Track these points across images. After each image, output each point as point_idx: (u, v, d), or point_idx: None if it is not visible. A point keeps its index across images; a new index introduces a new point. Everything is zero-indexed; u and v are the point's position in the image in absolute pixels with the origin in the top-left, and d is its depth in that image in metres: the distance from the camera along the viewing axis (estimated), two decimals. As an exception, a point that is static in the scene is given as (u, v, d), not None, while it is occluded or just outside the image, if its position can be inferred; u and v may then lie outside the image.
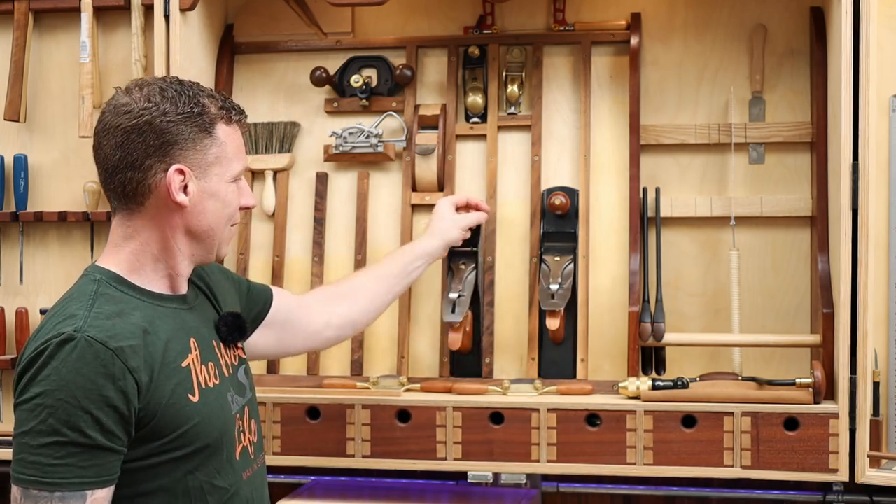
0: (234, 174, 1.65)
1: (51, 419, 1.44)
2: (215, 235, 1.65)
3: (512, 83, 2.56)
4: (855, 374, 2.17)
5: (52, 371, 1.45)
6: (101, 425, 1.45)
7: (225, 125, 1.63)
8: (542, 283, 2.39)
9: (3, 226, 2.61)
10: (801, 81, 2.47)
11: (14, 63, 2.55)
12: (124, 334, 1.50)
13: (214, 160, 1.61)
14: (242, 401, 1.71)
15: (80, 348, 1.46)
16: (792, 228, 2.46)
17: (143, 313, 1.55)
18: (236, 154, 1.65)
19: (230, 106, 1.65)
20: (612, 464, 2.25)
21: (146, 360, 1.51)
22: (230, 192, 1.65)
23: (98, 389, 1.45)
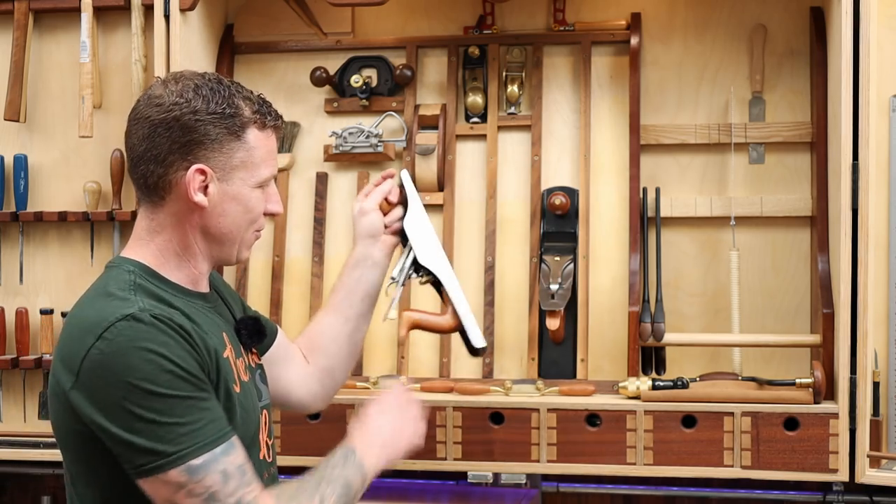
0: (261, 180, 1.62)
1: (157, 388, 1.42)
2: (234, 239, 1.62)
3: (512, 83, 2.56)
4: (855, 374, 2.17)
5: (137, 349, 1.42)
6: (200, 379, 1.46)
7: (258, 130, 1.61)
8: (542, 283, 2.39)
9: (3, 226, 2.61)
10: (801, 81, 2.47)
11: (14, 63, 2.55)
12: (172, 316, 1.48)
13: (240, 164, 1.59)
14: (261, 404, 1.69)
15: (154, 324, 1.45)
16: (792, 228, 2.46)
17: (181, 304, 1.55)
18: (265, 160, 1.62)
19: (266, 111, 1.63)
20: (612, 464, 2.25)
21: (203, 341, 1.51)
22: (254, 197, 1.62)
23: (184, 349, 1.45)
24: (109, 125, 2.56)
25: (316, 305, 2.55)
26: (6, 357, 2.54)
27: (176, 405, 1.42)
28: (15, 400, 2.59)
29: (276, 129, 1.67)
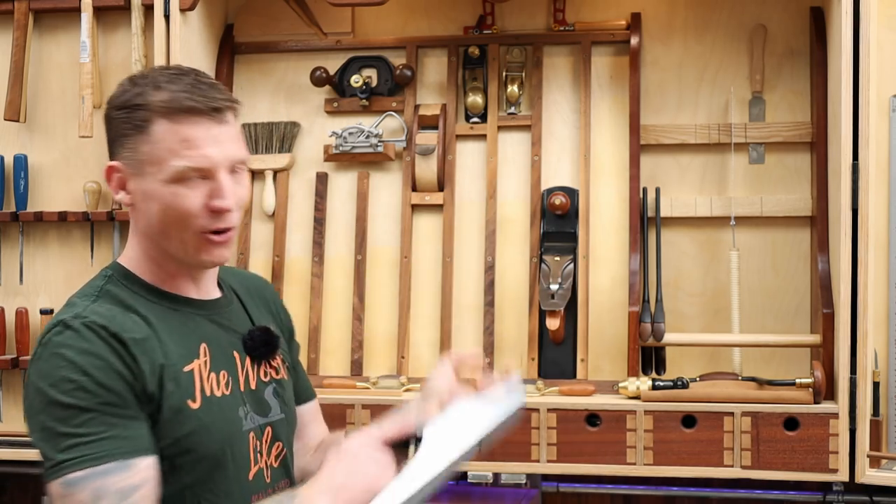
0: (171, 174, 1.44)
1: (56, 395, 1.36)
2: (169, 239, 1.48)
3: (512, 83, 2.56)
4: (855, 374, 2.17)
5: (54, 354, 1.38)
6: (119, 394, 1.37)
7: (166, 121, 1.45)
8: (542, 283, 2.39)
9: (3, 226, 2.61)
10: (801, 81, 2.47)
11: (14, 63, 2.55)
12: (126, 326, 1.42)
13: (146, 159, 1.46)
14: (262, 420, 1.56)
15: (80, 330, 1.39)
16: (792, 228, 2.46)
17: (149, 311, 1.47)
18: (175, 151, 1.44)
19: (182, 97, 1.45)
20: (612, 464, 2.25)
21: (148, 353, 1.42)
22: (169, 193, 1.44)
23: (104, 359, 1.37)
24: (109, 125, 2.55)
25: (316, 305, 2.55)
26: (6, 357, 2.54)
27: (74, 416, 1.35)
28: (15, 400, 2.59)
29: (201, 115, 1.46)
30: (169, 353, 1.44)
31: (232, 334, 1.56)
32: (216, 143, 1.46)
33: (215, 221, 1.47)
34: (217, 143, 1.46)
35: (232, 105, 1.50)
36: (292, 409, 1.65)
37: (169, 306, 1.50)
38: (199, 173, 1.45)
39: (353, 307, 2.55)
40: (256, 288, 1.71)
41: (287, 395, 1.63)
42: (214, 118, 1.47)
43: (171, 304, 1.51)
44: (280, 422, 1.61)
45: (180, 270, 1.52)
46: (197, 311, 1.53)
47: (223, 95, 1.49)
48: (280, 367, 1.63)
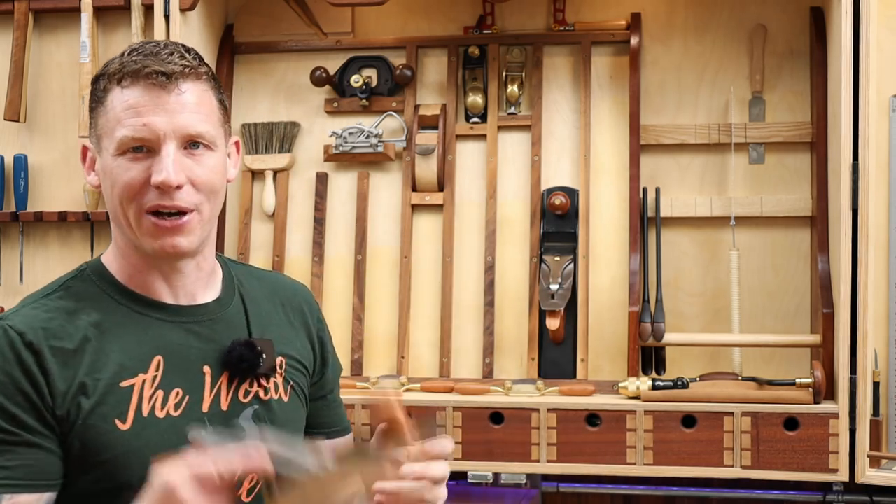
0: (117, 143, 1.31)
1: None
2: (120, 222, 1.35)
3: (512, 83, 2.56)
4: (855, 374, 2.17)
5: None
6: (14, 417, 1.25)
7: (118, 87, 1.33)
8: (542, 283, 2.39)
9: (3, 226, 2.61)
10: (801, 81, 2.47)
11: (14, 63, 2.55)
12: (56, 333, 1.30)
13: (103, 132, 1.34)
14: None
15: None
16: (792, 228, 2.46)
17: (104, 317, 1.34)
18: (121, 119, 1.31)
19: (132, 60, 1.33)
20: (612, 464, 2.25)
21: (68, 367, 1.28)
22: (116, 167, 1.32)
23: (8, 375, 1.26)
24: (109, 125, 2.56)
25: (316, 305, 2.55)
26: (6, 357, 2.53)
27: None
28: (15, 400, 2.59)
29: (147, 79, 1.32)
30: (105, 365, 1.30)
31: (209, 346, 1.38)
32: (163, 111, 1.31)
33: (159, 197, 1.31)
34: (164, 111, 1.31)
35: (191, 72, 1.34)
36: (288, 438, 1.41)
37: (135, 309, 1.37)
38: (142, 143, 1.31)
39: (353, 307, 2.55)
40: (289, 297, 1.54)
41: (278, 419, 1.42)
42: (163, 85, 1.31)
43: (139, 308, 1.37)
44: None
45: (147, 265, 1.38)
46: (168, 317, 1.38)
47: (183, 61, 1.34)
48: (275, 387, 1.43)
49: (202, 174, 1.34)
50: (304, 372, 1.50)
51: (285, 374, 1.45)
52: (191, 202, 1.33)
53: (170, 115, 1.31)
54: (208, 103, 1.37)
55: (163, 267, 1.38)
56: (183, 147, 1.32)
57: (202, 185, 1.34)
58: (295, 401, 1.47)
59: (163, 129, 1.31)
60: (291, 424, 1.45)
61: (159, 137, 1.31)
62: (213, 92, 1.38)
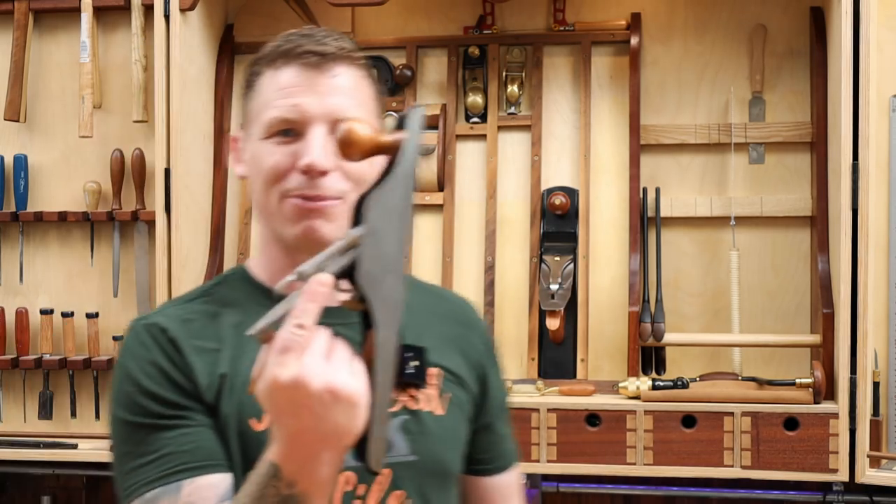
0: (264, 126, 1.25)
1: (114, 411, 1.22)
2: (264, 211, 1.28)
3: (512, 83, 2.56)
4: (855, 374, 2.17)
5: (119, 361, 1.25)
6: (170, 402, 1.19)
7: (270, 69, 1.27)
8: (542, 283, 2.39)
9: (3, 226, 2.61)
10: (801, 81, 2.47)
11: (14, 63, 2.55)
12: (196, 332, 1.24)
13: (252, 117, 1.29)
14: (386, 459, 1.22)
15: (136, 332, 1.25)
16: (792, 228, 2.46)
17: (246, 318, 1.22)
18: (271, 101, 1.25)
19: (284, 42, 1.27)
20: (612, 464, 2.25)
21: (210, 363, 1.23)
22: (262, 150, 1.25)
23: (157, 366, 1.21)
24: (109, 125, 2.56)
25: (316, 305, 2.55)
26: (6, 357, 2.53)
27: (129, 434, 1.20)
28: (15, 400, 2.59)
29: (300, 58, 1.25)
30: (243, 364, 1.21)
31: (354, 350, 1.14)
32: (315, 93, 1.23)
33: (305, 185, 1.23)
34: (316, 93, 1.23)
35: (346, 54, 1.26)
36: (438, 454, 1.28)
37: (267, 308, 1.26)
38: (290, 125, 1.23)
39: (353, 307, 2.54)
40: (450, 310, 1.41)
41: (430, 433, 1.28)
42: (317, 65, 1.24)
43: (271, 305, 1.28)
44: (407, 465, 1.25)
45: (289, 261, 1.25)
46: None
47: (338, 43, 1.26)
48: (428, 398, 1.29)
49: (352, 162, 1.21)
50: (464, 389, 1.34)
51: (442, 386, 1.31)
52: (338, 190, 1.23)
53: (322, 97, 1.23)
54: (363, 90, 1.28)
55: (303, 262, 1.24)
56: (333, 133, 1.20)
57: (352, 172, 1.23)
58: (453, 416, 1.31)
59: (312, 111, 1.23)
60: (447, 440, 1.30)
61: (308, 119, 1.23)
62: (368, 81, 1.30)
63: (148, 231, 2.51)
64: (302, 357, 0.96)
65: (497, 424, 1.41)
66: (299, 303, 0.97)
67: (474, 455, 1.38)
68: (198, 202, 2.51)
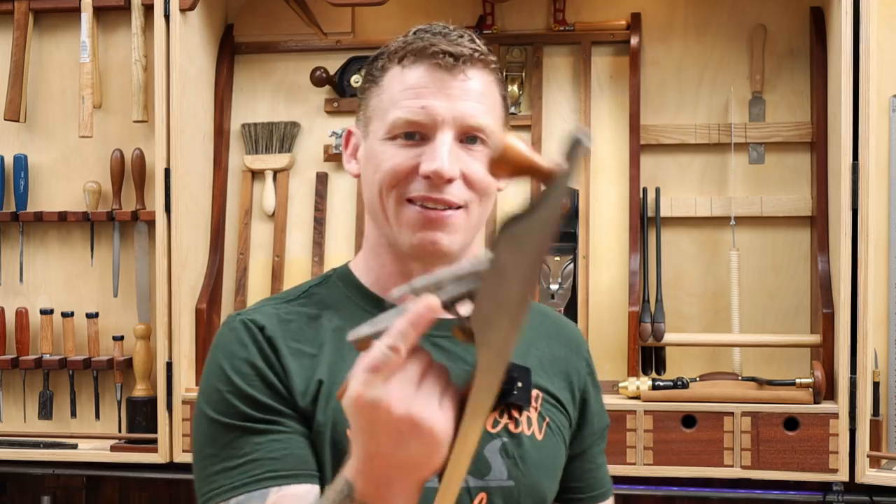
0: (388, 126, 1.20)
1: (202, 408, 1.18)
2: (377, 213, 1.22)
3: (512, 83, 2.56)
4: (855, 374, 2.17)
5: (212, 355, 1.21)
6: (265, 405, 1.15)
7: (398, 66, 1.22)
8: (542, 283, 2.39)
9: (3, 226, 2.61)
10: (801, 81, 2.47)
11: (14, 63, 2.55)
12: (295, 334, 1.20)
13: (373, 114, 1.23)
14: (473, 482, 1.18)
15: (233, 328, 1.20)
16: (792, 228, 2.46)
17: (346, 322, 1.18)
18: (397, 100, 1.20)
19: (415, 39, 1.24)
20: (612, 464, 2.21)
21: (307, 368, 1.18)
22: (383, 151, 1.20)
23: (253, 366, 1.16)
24: (109, 125, 2.56)
25: (316, 305, 2.55)
26: (6, 357, 2.54)
27: (216, 434, 1.15)
28: (15, 400, 2.59)
29: (432, 58, 1.20)
30: (342, 371, 1.15)
31: (456, 364, 1.08)
32: (445, 95, 1.18)
33: (427, 188, 1.18)
34: (447, 96, 1.18)
35: (480, 57, 1.22)
36: (536, 480, 1.23)
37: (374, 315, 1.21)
38: (416, 128, 1.18)
39: (353, 307, 2.55)
40: (556, 332, 1.36)
41: (529, 457, 1.23)
42: (449, 67, 1.20)
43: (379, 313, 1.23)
44: (506, 490, 1.20)
45: (397, 267, 1.24)
46: None
47: (473, 45, 1.23)
48: (528, 421, 1.25)
49: (477, 170, 1.19)
50: (565, 413, 1.31)
51: (541, 409, 1.27)
52: (461, 198, 1.20)
53: (452, 101, 1.19)
54: (493, 96, 1.24)
55: (414, 271, 1.22)
56: (459, 139, 1.19)
57: (476, 182, 1.20)
58: (552, 441, 1.27)
59: (442, 115, 1.18)
60: (545, 466, 1.26)
61: (436, 123, 1.18)
62: (498, 86, 1.25)
63: (148, 231, 2.51)
64: (388, 379, 0.89)
65: (593, 452, 1.38)
66: (399, 322, 0.89)
67: (568, 483, 1.34)
68: (198, 202, 2.51)
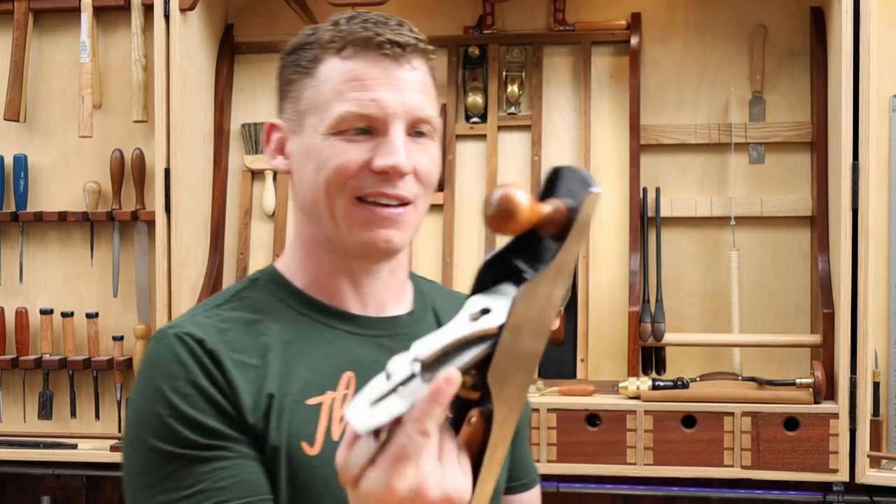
0: (331, 123, 1.13)
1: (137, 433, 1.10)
2: (318, 210, 1.16)
3: (512, 83, 2.56)
4: (855, 374, 2.17)
5: (144, 373, 1.13)
6: (211, 430, 1.08)
7: (336, 57, 1.16)
8: (542, 283, 2.39)
9: (3, 226, 2.61)
10: (801, 81, 2.47)
11: (14, 63, 2.55)
12: (235, 344, 1.13)
13: (308, 107, 1.17)
14: None
15: (168, 344, 1.12)
16: (792, 228, 2.46)
17: (285, 328, 1.16)
18: (339, 94, 1.14)
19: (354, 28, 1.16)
20: (612, 464, 2.25)
21: (252, 381, 1.11)
22: (327, 148, 1.14)
23: (195, 384, 1.09)
24: (109, 125, 2.56)
25: (316, 305, 2.55)
26: (6, 357, 2.53)
27: (157, 464, 1.08)
28: (15, 400, 2.59)
29: (378, 49, 1.14)
30: (289, 381, 1.13)
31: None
32: (393, 87, 1.13)
33: (380, 184, 1.13)
34: (395, 87, 1.13)
35: (423, 47, 1.17)
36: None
37: (318, 319, 1.19)
38: (367, 122, 1.13)
39: (353, 307, 2.55)
40: None
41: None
42: (396, 57, 1.14)
43: (322, 318, 1.19)
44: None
45: (336, 268, 1.19)
46: (357, 329, 1.19)
47: (414, 34, 1.17)
48: None
49: (426, 164, 1.15)
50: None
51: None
52: (412, 193, 1.15)
53: (400, 93, 1.13)
54: (432, 88, 1.19)
55: (356, 270, 1.19)
56: (408, 132, 1.15)
57: (425, 176, 1.16)
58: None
59: (393, 108, 1.13)
60: None
61: (388, 116, 1.13)
62: (433, 76, 1.21)
63: (148, 231, 2.51)
64: (420, 464, 0.83)
65: (522, 437, 1.34)
66: (423, 405, 0.82)
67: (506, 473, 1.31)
68: (198, 202, 2.51)
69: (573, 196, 0.88)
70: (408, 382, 0.83)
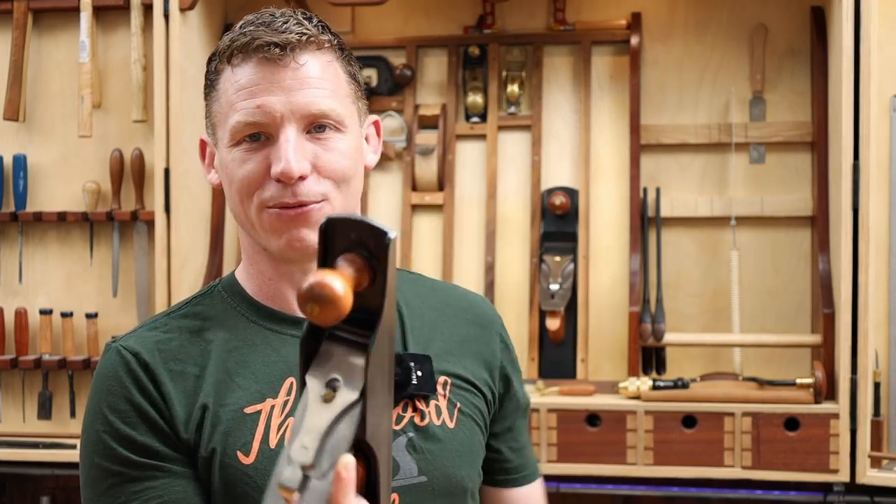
0: (230, 133, 1.13)
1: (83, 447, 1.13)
2: (242, 221, 1.17)
3: (512, 83, 2.56)
4: (856, 374, 2.17)
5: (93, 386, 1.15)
6: (145, 447, 1.10)
7: (229, 67, 1.14)
8: (542, 283, 2.39)
9: (3, 226, 2.60)
10: (801, 81, 2.47)
11: (13, 63, 2.55)
12: (174, 354, 1.14)
13: (217, 121, 1.16)
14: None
15: (109, 358, 1.14)
16: (792, 228, 2.46)
17: (231, 335, 1.16)
18: (231, 105, 1.13)
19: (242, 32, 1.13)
20: (612, 464, 2.25)
21: (189, 392, 1.12)
22: (232, 160, 1.14)
23: (129, 401, 1.11)
24: (109, 125, 2.55)
25: (316, 305, 2.55)
26: (5, 357, 2.53)
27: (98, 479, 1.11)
28: (14, 400, 2.59)
29: (257, 53, 1.12)
30: (229, 389, 1.12)
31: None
32: (279, 89, 1.11)
33: (280, 190, 1.11)
34: (280, 89, 1.11)
35: (311, 40, 1.13)
36: (451, 470, 1.17)
37: (266, 326, 1.18)
38: (257, 129, 1.12)
39: (353, 307, 2.54)
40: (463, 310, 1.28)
41: (442, 448, 1.17)
42: (277, 58, 1.11)
43: (270, 324, 1.18)
44: (418, 487, 1.14)
45: (276, 273, 1.18)
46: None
47: (300, 28, 1.13)
48: (437, 411, 1.18)
49: (329, 160, 1.13)
50: (479, 395, 1.23)
51: (450, 395, 1.19)
52: (317, 192, 1.13)
53: (287, 94, 1.11)
54: (333, 76, 1.16)
55: (295, 273, 1.17)
56: (306, 131, 1.13)
57: (331, 172, 1.14)
58: (466, 426, 1.20)
59: (279, 111, 1.11)
60: (460, 454, 1.18)
61: (275, 120, 1.11)
62: (340, 63, 1.19)
63: (147, 231, 2.50)
64: None
65: (518, 429, 1.31)
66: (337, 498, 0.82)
67: (495, 464, 1.28)
68: (197, 202, 2.51)
69: (364, 246, 0.86)
70: (305, 487, 0.82)
